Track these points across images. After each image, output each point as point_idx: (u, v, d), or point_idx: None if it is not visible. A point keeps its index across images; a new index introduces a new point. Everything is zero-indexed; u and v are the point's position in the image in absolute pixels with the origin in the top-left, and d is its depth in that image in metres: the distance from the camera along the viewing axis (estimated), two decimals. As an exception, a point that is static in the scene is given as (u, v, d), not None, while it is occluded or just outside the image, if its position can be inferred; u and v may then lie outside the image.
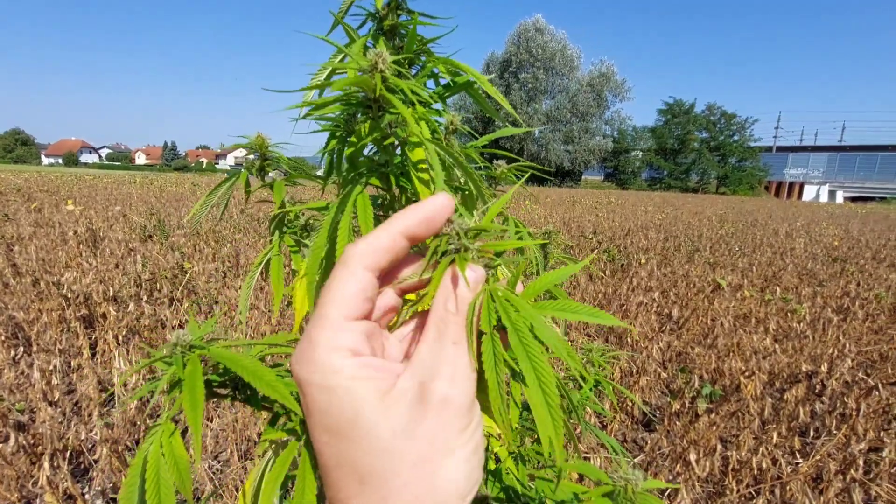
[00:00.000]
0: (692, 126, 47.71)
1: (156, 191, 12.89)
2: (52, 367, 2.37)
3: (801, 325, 3.56)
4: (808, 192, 49.78)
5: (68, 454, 1.89)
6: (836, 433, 2.17)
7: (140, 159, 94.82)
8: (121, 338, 2.83)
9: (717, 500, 1.87)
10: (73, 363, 2.54)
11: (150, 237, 5.60)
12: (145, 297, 3.42)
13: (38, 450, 1.86)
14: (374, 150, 0.53)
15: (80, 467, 1.92)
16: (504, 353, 0.27)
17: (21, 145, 79.73)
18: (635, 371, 2.80)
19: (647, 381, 2.66)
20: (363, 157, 0.53)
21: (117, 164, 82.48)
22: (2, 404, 2.01)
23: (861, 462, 1.91)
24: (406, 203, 0.55)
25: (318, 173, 0.62)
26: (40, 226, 5.85)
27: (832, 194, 49.16)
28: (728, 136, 47.48)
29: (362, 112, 0.46)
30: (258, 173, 0.64)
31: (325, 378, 0.25)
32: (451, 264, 0.28)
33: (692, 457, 1.99)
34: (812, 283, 4.93)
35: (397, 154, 0.53)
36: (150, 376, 2.62)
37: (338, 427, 0.25)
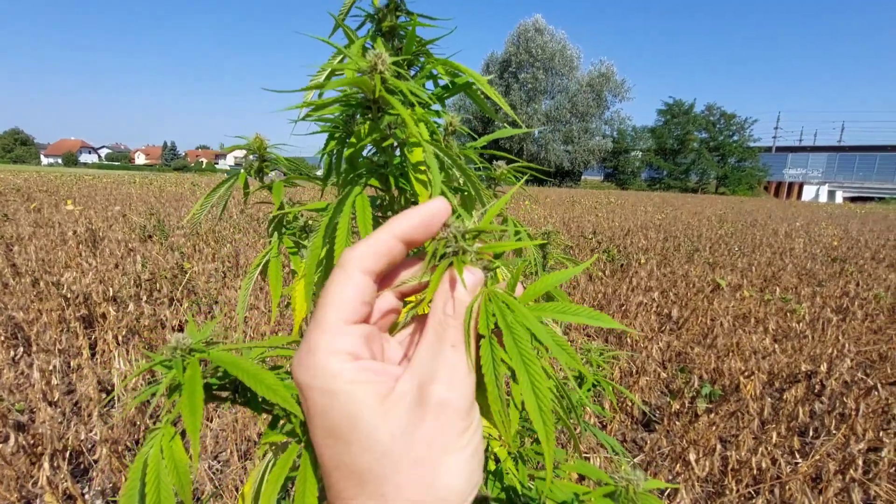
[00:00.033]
0: (692, 126, 47.71)
1: (155, 191, 12.89)
2: (51, 368, 2.37)
3: (801, 325, 3.56)
4: (808, 193, 49.83)
5: (68, 454, 1.88)
6: (835, 433, 2.17)
7: (140, 159, 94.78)
8: (120, 338, 2.83)
9: (717, 499, 1.87)
10: (72, 363, 2.54)
11: (150, 237, 5.60)
12: (145, 298, 3.42)
13: (37, 450, 1.86)
14: (374, 150, 0.53)
15: (80, 467, 1.92)
16: (504, 355, 0.27)
17: (20, 145, 79.68)
18: (635, 371, 2.80)
19: (647, 381, 2.66)
20: (362, 158, 0.53)
21: (117, 164, 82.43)
22: (1, 404, 2.01)
23: (860, 462, 1.91)
24: (405, 204, 0.55)
25: (318, 174, 0.62)
26: (40, 226, 5.85)
27: (831, 194, 49.21)
28: (727, 137, 47.49)
29: (361, 113, 0.46)
30: (256, 174, 0.64)
31: (325, 382, 0.25)
32: (449, 267, 0.28)
33: (692, 457, 1.99)
34: (811, 283, 4.93)
35: (396, 155, 0.53)
36: (150, 377, 2.63)
37: (338, 430, 0.25)
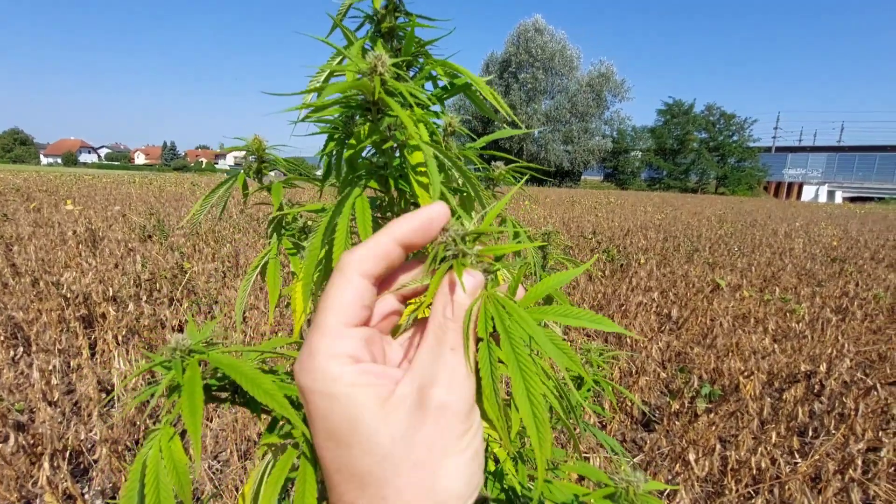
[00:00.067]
0: (691, 126, 47.73)
1: (155, 191, 12.88)
2: (51, 367, 2.37)
3: (800, 325, 3.56)
4: (807, 193, 49.85)
5: (68, 454, 1.88)
6: (834, 433, 2.17)
7: (139, 159, 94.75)
8: (120, 338, 2.83)
9: (717, 499, 1.87)
10: (72, 363, 2.54)
11: (150, 237, 5.59)
12: (145, 297, 3.42)
13: (37, 450, 1.86)
14: (373, 151, 0.53)
15: (80, 467, 1.92)
16: (502, 358, 0.27)
17: (20, 145, 79.65)
18: (634, 371, 2.80)
19: (647, 381, 2.66)
20: (362, 160, 0.53)
21: (116, 163, 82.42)
22: (1, 404, 2.01)
23: (859, 462, 1.91)
24: (405, 205, 0.55)
25: (318, 174, 0.62)
26: (39, 226, 5.85)
27: (831, 194, 49.24)
28: (727, 137, 47.50)
29: (361, 114, 0.46)
30: (255, 175, 0.64)
31: (326, 385, 0.26)
32: (449, 270, 0.28)
33: (691, 456, 1.99)
34: (811, 283, 4.93)
35: (396, 156, 0.53)
36: (150, 377, 2.62)
37: (339, 433, 0.25)
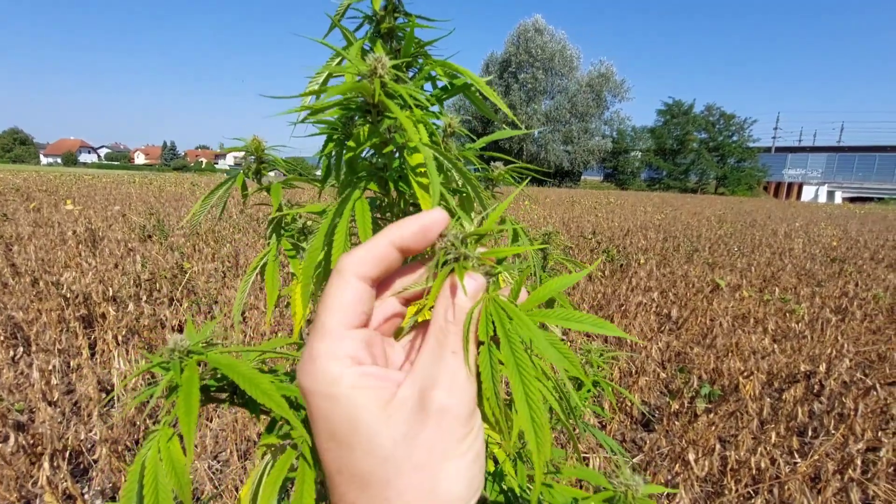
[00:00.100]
0: (691, 126, 47.71)
1: (155, 190, 12.88)
2: (51, 367, 2.37)
3: (800, 325, 3.56)
4: (807, 193, 49.86)
5: (68, 454, 1.88)
6: (834, 433, 2.17)
7: (139, 159, 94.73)
8: (120, 338, 2.83)
9: (716, 499, 1.87)
10: (72, 363, 2.54)
11: (150, 237, 5.59)
12: (145, 297, 3.42)
13: (37, 450, 1.86)
14: (372, 152, 0.53)
15: (80, 467, 1.92)
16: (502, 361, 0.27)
17: (20, 145, 79.63)
18: (634, 371, 2.80)
19: (646, 381, 2.66)
20: (361, 160, 0.53)
21: (116, 163, 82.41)
22: (1, 404, 2.01)
23: (859, 462, 1.91)
24: (405, 206, 0.55)
25: (318, 174, 0.62)
26: (39, 225, 5.85)
27: (831, 195, 49.24)
28: (727, 137, 47.49)
29: (360, 116, 0.46)
30: (254, 176, 0.64)
31: (327, 387, 0.26)
32: (450, 273, 0.28)
33: (691, 456, 1.99)
34: (811, 284, 4.93)
35: (395, 157, 0.53)
36: (150, 377, 2.62)
37: (340, 434, 0.25)
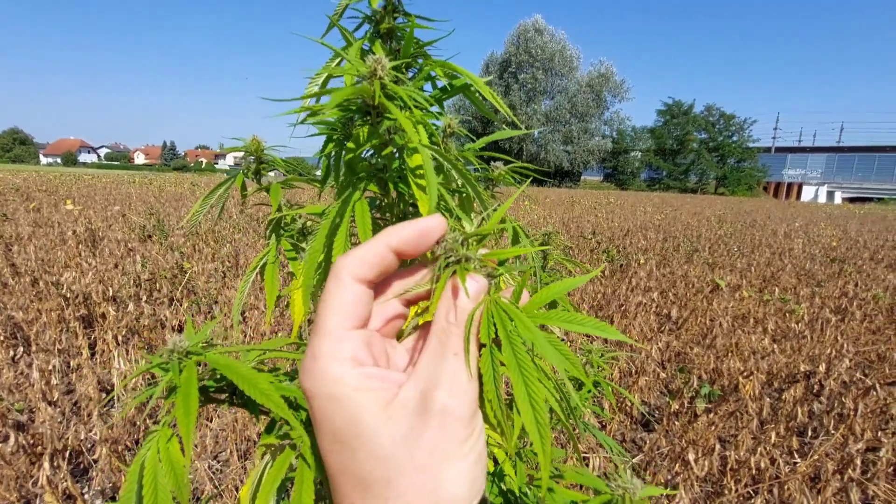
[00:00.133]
0: (691, 127, 47.70)
1: (155, 190, 12.88)
2: (51, 367, 2.37)
3: (800, 325, 3.56)
4: (807, 193, 49.85)
5: (68, 454, 1.88)
6: (833, 433, 2.17)
7: (139, 159, 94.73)
8: (120, 338, 2.83)
9: (716, 499, 1.88)
10: (72, 363, 2.54)
11: (150, 237, 5.59)
12: (145, 297, 3.42)
13: (37, 450, 1.86)
14: (372, 152, 0.53)
15: (80, 467, 1.92)
16: (503, 362, 0.27)
17: (19, 145, 79.64)
18: (634, 371, 2.80)
19: (646, 381, 2.66)
20: (361, 161, 0.53)
21: (116, 163, 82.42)
22: (1, 404, 2.01)
23: (858, 462, 1.92)
24: (404, 207, 0.56)
25: (317, 174, 0.62)
26: (39, 225, 5.85)
27: (830, 195, 49.23)
28: (727, 137, 47.48)
29: (360, 116, 0.46)
30: (254, 176, 0.64)
31: (329, 388, 0.26)
32: (452, 275, 0.28)
33: (691, 456, 1.99)
34: (810, 284, 4.93)
35: (395, 158, 0.53)
36: (150, 378, 2.62)
37: (342, 435, 0.26)
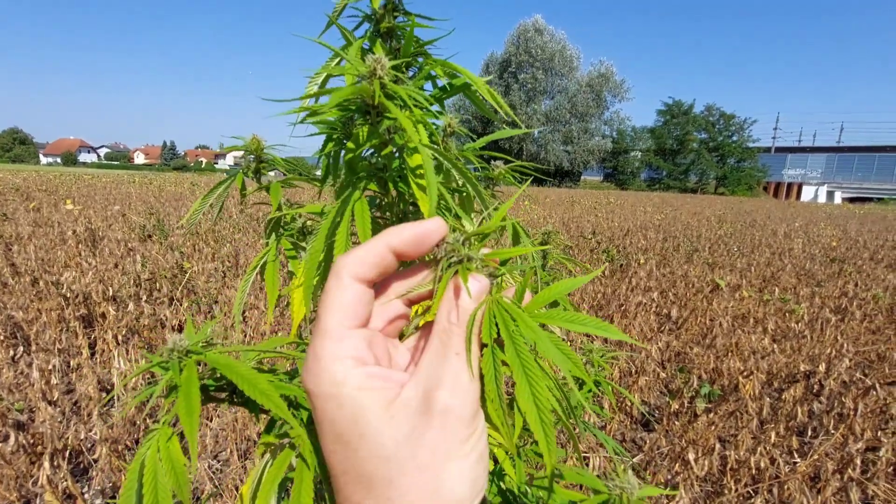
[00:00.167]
0: (691, 126, 47.68)
1: (155, 190, 12.88)
2: (51, 367, 2.37)
3: (800, 325, 3.56)
4: (807, 193, 49.83)
5: (68, 454, 1.89)
6: (833, 433, 2.17)
7: (139, 159, 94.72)
8: (120, 337, 2.83)
9: (716, 499, 1.88)
10: (72, 363, 2.54)
11: (150, 237, 5.59)
12: (145, 297, 3.42)
13: (37, 449, 1.86)
14: (372, 151, 0.53)
15: (80, 467, 1.92)
16: (505, 361, 0.27)
17: (19, 144, 79.63)
18: (634, 371, 2.80)
19: (646, 380, 2.67)
20: (361, 160, 0.53)
21: (116, 163, 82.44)
22: (1, 404, 2.01)
23: (858, 461, 1.92)
24: (404, 206, 0.55)
25: (317, 174, 0.62)
26: (39, 225, 5.85)
27: (830, 195, 49.21)
28: (727, 137, 47.46)
29: (360, 116, 0.46)
30: (254, 175, 0.64)
31: (332, 388, 0.26)
32: (454, 275, 0.28)
33: (691, 456, 1.99)
34: (810, 284, 4.93)
35: (395, 157, 0.53)
36: (150, 377, 2.62)
37: (345, 435, 0.26)
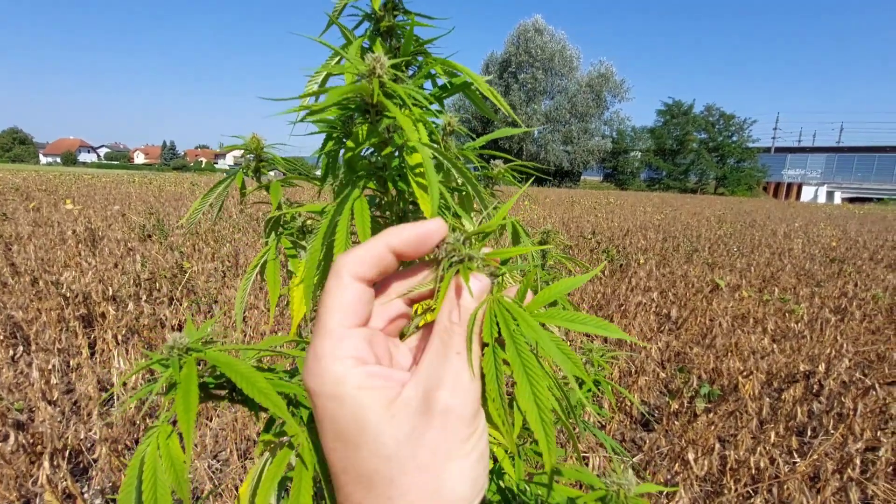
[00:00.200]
0: (691, 127, 47.66)
1: (154, 190, 12.87)
2: (51, 367, 2.37)
3: (799, 325, 3.56)
4: (807, 193, 49.82)
5: (68, 453, 1.88)
6: (833, 433, 2.17)
7: (139, 159, 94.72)
8: (120, 337, 2.83)
9: (715, 499, 1.88)
10: (72, 362, 2.54)
11: (150, 236, 5.59)
12: (144, 297, 3.42)
13: (37, 449, 1.86)
14: (371, 150, 0.53)
15: (80, 466, 1.92)
16: (506, 360, 0.27)
17: (19, 144, 79.62)
18: (634, 371, 2.80)
19: (646, 380, 2.67)
20: (361, 159, 0.53)
21: (116, 163, 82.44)
22: (1, 403, 2.01)
23: (858, 461, 1.92)
24: (404, 205, 0.55)
25: (317, 173, 0.62)
26: (39, 225, 5.84)
27: (830, 195, 49.19)
28: (727, 137, 47.44)
29: (359, 115, 0.46)
30: (254, 174, 0.64)
31: (332, 388, 0.26)
32: (456, 275, 0.28)
33: (690, 456, 1.99)
34: (810, 284, 4.93)
35: (395, 156, 0.53)
36: (149, 376, 2.63)
37: (346, 434, 0.26)
